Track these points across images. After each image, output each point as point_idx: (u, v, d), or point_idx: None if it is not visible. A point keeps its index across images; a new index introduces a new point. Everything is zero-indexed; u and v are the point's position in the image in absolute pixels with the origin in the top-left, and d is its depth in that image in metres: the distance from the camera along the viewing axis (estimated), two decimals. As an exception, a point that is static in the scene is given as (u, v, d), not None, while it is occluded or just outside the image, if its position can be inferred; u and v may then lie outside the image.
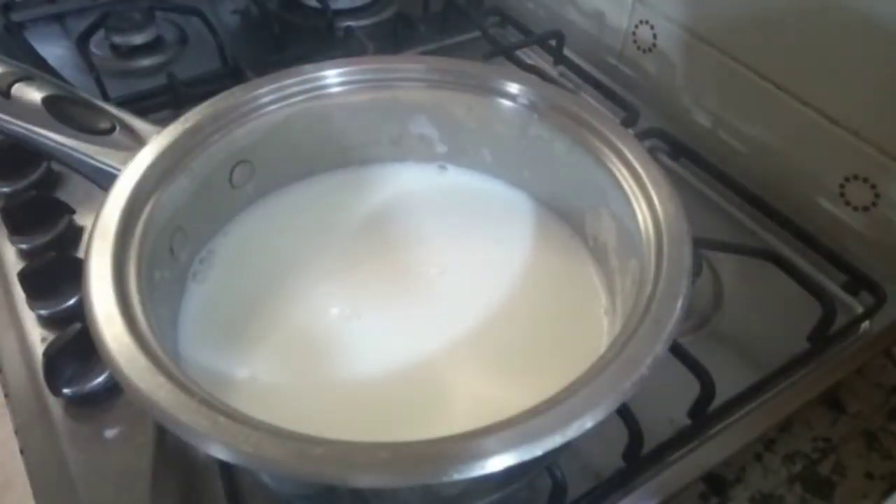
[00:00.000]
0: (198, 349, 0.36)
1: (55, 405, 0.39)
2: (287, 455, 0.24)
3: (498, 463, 0.24)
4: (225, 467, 0.37)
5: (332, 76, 0.41)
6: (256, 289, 0.39)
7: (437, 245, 0.42)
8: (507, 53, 0.64)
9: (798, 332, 0.44)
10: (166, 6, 0.70)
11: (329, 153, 0.45)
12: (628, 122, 0.57)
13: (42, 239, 0.47)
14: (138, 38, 0.67)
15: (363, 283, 0.40)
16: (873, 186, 0.48)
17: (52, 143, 0.36)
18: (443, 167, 0.46)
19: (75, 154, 0.36)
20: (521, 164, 0.44)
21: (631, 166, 0.37)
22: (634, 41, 0.64)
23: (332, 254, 0.41)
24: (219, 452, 0.25)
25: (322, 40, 0.69)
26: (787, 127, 0.52)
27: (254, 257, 0.41)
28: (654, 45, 0.61)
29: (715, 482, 0.39)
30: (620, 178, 0.37)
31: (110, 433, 0.38)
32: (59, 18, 0.72)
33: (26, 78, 0.37)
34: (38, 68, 0.39)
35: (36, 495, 0.36)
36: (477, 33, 0.68)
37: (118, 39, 0.67)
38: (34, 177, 0.52)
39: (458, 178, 0.46)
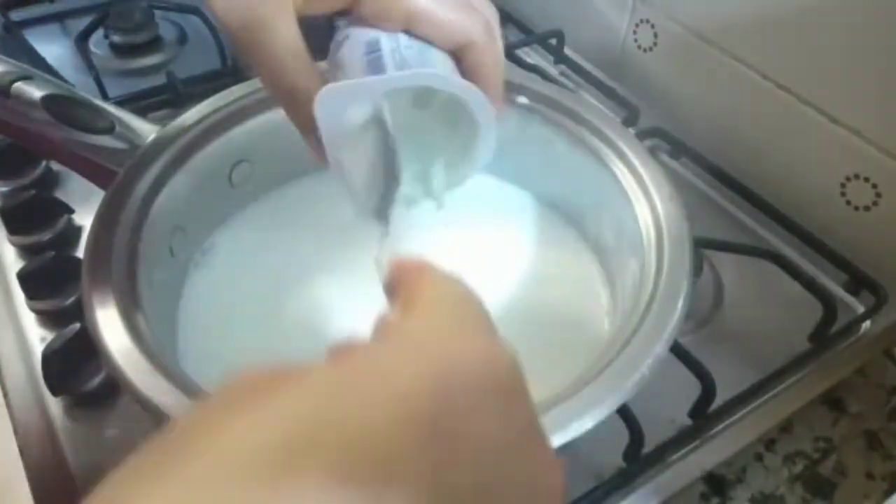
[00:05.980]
0: (198, 348, 0.36)
1: (55, 405, 0.39)
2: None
3: (498, 463, 0.24)
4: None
5: (332, 75, 0.41)
6: (256, 288, 0.39)
7: (437, 244, 0.42)
8: (507, 52, 0.64)
9: (799, 332, 0.44)
10: (166, 5, 0.70)
11: (329, 152, 0.45)
12: (629, 121, 0.56)
13: (41, 238, 0.47)
14: (138, 38, 0.67)
15: (363, 282, 0.40)
16: (874, 186, 0.48)
17: (52, 143, 0.36)
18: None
19: (75, 154, 0.36)
20: (521, 164, 0.43)
21: (632, 166, 0.37)
22: (635, 40, 0.64)
23: (331, 252, 0.41)
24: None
25: (321, 39, 0.69)
26: (787, 127, 0.52)
27: (253, 256, 0.41)
28: (655, 44, 0.61)
29: (715, 482, 0.39)
30: (621, 178, 0.37)
31: (110, 433, 0.38)
32: (58, 18, 0.72)
33: (26, 77, 0.37)
34: (37, 68, 0.38)
35: (35, 495, 0.36)
36: (477, 32, 0.68)
37: (117, 39, 0.67)
38: (33, 176, 0.52)
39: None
